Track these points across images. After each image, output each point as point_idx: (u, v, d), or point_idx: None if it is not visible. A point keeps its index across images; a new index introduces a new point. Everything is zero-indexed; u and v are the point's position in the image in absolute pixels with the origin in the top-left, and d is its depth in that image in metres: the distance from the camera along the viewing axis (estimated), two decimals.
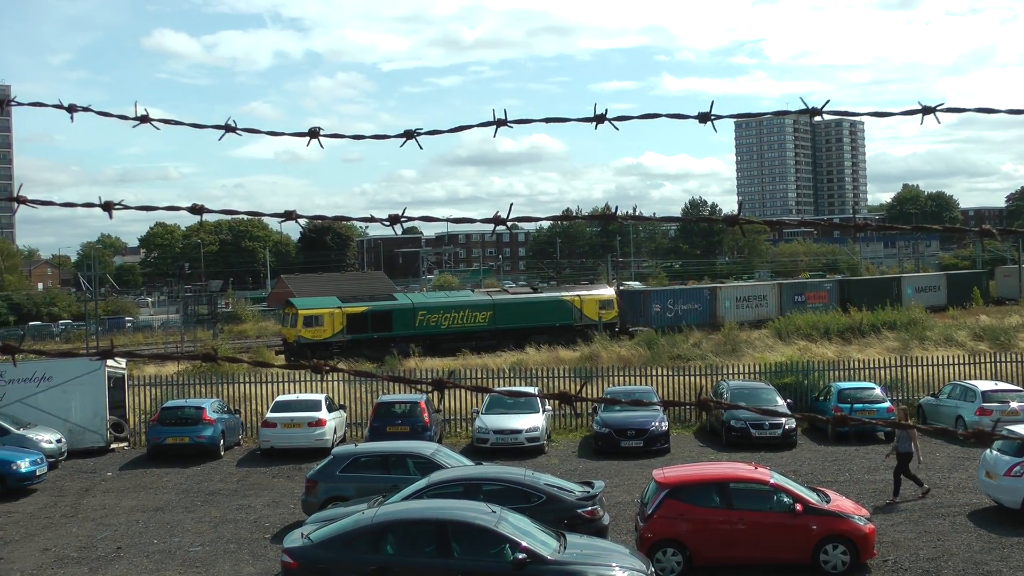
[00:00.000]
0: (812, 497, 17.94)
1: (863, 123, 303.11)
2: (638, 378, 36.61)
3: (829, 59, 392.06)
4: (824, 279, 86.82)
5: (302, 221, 2.92)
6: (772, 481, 17.98)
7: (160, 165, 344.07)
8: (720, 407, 3.62)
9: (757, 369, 36.97)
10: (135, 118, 3.02)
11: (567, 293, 67.66)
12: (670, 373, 37.08)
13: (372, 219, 2.83)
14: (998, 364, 36.88)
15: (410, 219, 2.72)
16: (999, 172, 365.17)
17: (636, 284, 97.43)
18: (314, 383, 35.41)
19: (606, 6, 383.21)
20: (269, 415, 30.81)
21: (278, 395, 33.69)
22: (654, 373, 37.02)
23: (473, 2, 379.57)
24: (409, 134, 2.79)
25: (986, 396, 29.62)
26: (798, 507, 17.39)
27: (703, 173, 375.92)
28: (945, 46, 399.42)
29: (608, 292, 69.22)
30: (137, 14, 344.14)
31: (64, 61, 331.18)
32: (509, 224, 2.66)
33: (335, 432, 31.10)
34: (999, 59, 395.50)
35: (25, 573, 18.78)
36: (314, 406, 30.91)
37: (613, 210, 2.66)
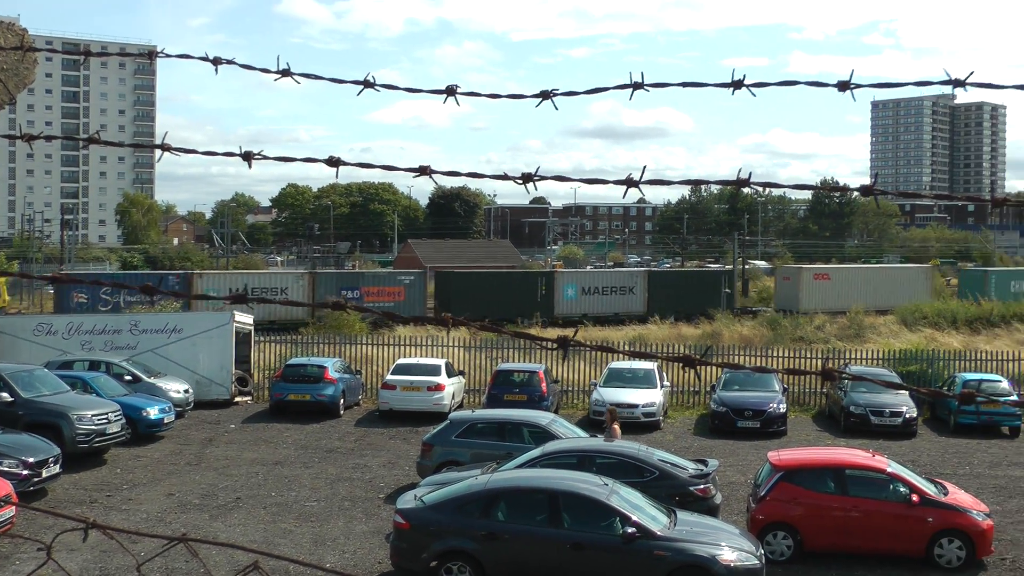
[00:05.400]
0: (930, 489, 17.53)
1: (1004, 108, 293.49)
2: (758, 358, 36.15)
3: (967, 41, 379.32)
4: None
5: (436, 178, 2.95)
6: (889, 470, 17.63)
7: (292, 127, 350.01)
8: (844, 377, 3.62)
9: (881, 355, 36.25)
10: (277, 71, 3.09)
11: None
12: (791, 355, 36.52)
13: (505, 176, 2.85)
14: None
15: (543, 178, 2.74)
16: None
17: (761, 264, 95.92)
18: (435, 348, 35.81)
19: None
20: (389, 377, 31.24)
21: (399, 358, 34.15)
22: (775, 354, 36.52)
23: None
24: (545, 94, 2.81)
25: None
26: (914, 498, 17.03)
27: (831, 153, 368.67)
28: None
29: None
30: None
31: (202, 24, 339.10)
32: (640, 187, 2.67)
33: (453, 397, 31.40)
34: None
35: (151, 515, 19.47)
36: (434, 370, 31.25)
37: (747, 176, 2.64)
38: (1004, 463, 25.67)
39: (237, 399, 32.89)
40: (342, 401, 31.21)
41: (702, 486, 17.77)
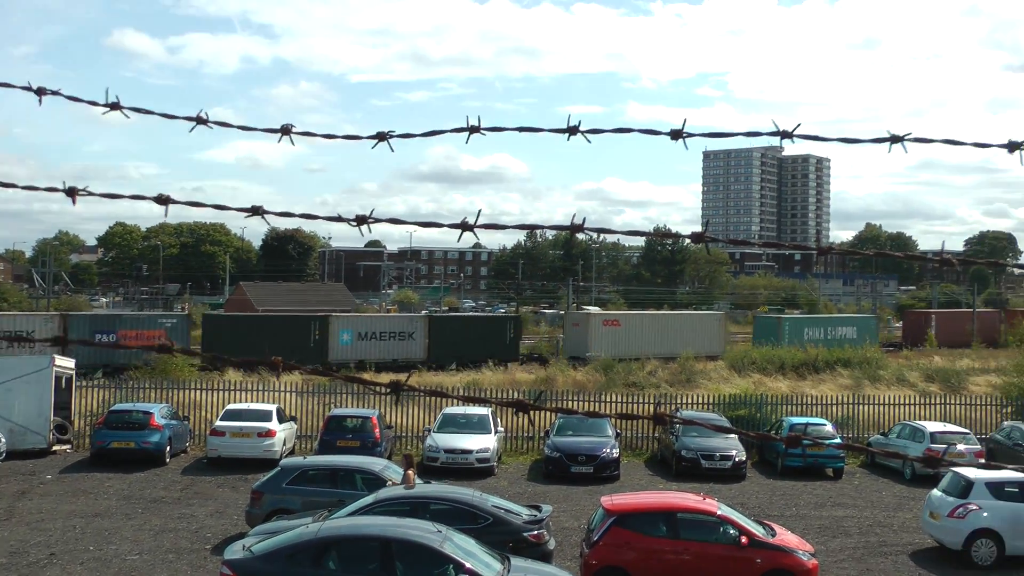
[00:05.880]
0: (758, 530, 17.96)
1: (829, 160, 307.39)
2: (592, 403, 36.60)
3: (793, 96, 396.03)
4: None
5: (269, 219, 2.85)
6: (719, 513, 17.99)
7: (120, 164, 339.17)
8: (675, 421, 3.69)
9: (711, 400, 37.14)
10: (106, 104, 2.95)
11: None
12: (624, 400, 37.14)
13: (340, 218, 2.77)
14: (948, 406, 37.30)
15: (377, 220, 2.67)
16: (955, 216, 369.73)
17: (594, 309, 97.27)
18: (266, 393, 35.11)
19: (573, 30, 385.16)
20: (218, 423, 30.46)
21: (229, 403, 33.35)
22: (608, 399, 37.06)
23: (443, 19, 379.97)
24: (381, 136, 2.75)
25: (934, 437, 29.94)
26: (743, 540, 17.42)
27: (664, 202, 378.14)
28: (907, 89, 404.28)
29: None
30: (107, 11, 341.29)
31: (28, 53, 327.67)
32: (476, 231, 2.62)
33: (284, 444, 30.81)
34: (958, 105, 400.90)
35: None
36: (265, 416, 30.61)
37: (581, 222, 2.62)
38: (828, 504, 26.52)
39: (55, 448, 31.47)
40: (168, 448, 30.25)
41: (536, 532, 17.77)
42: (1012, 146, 3.04)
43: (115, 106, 3.03)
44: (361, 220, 2.66)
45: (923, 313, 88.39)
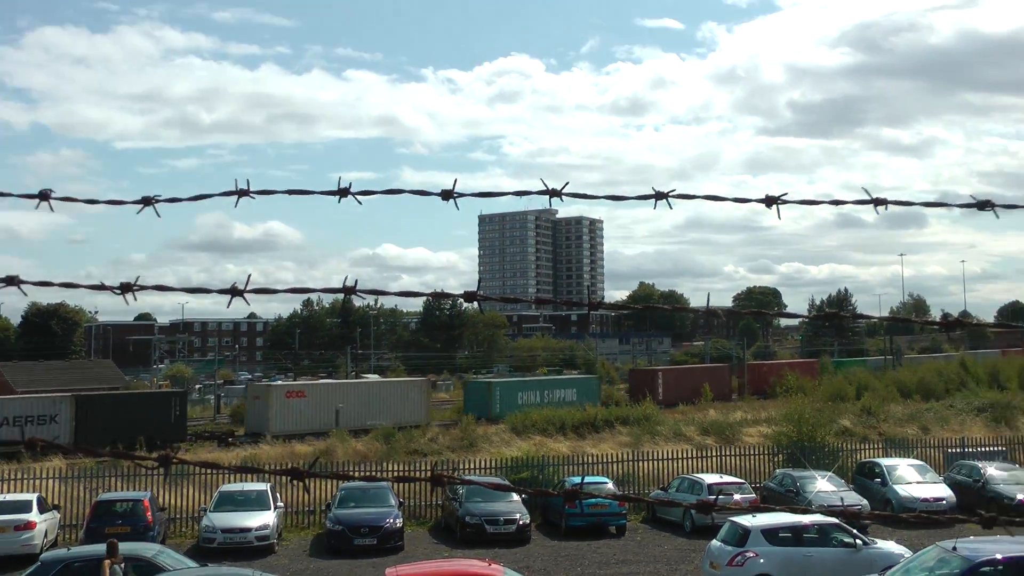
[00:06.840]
0: None
1: (601, 222, 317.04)
2: (372, 472, 36.23)
3: (564, 159, 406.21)
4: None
5: (27, 290, 2.70)
6: None
7: None
8: (453, 481, 3.75)
9: (494, 464, 37.33)
10: None
11: None
12: (406, 469, 36.93)
13: (103, 287, 2.65)
14: (723, 458, 38.67)
15: (142, 287, 2.57)
16: (723, 273, 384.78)
17: (374, 377, 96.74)
18: (26, 482, 33.10)
19: (344, 96, 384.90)
20: None
21: None
22: (390, 468, 36.79)
23: (212, 85, 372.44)
24: (147, 200, 2.66)
25: (711, 489, 30.99)
26: None
27: (440, 266, 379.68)
28: (672, 152, 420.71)
29: None
30: None
31: None
32: (246, 295, 2.55)
33: (46, 535, 28.91)
34: (720, 167, 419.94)
35: None
36: (23, 507, 28.66)
37: (354, 284, 2.60)
38: (613, 561, 26.97)
39: None
40: None
41: None
42: (770, 200, 3.19)
43: None
44: (126, 288, 2.55)
45: (650, 371, 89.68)
